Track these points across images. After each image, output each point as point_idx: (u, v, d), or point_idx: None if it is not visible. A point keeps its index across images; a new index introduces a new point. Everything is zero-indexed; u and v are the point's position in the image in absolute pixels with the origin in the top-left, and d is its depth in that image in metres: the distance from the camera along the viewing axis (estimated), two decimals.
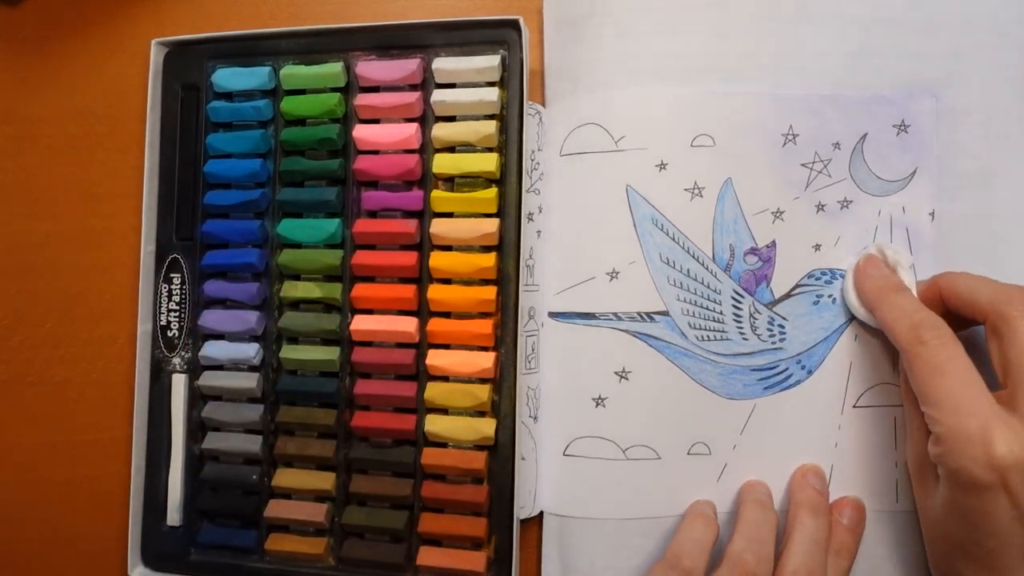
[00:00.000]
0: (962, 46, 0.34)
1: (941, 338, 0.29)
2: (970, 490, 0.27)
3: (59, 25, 0.40)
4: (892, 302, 0.32)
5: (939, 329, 0.30)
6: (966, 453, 0.27)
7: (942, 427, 0.28)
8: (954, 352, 0.29)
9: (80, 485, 0.39)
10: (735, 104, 0.35)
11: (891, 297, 0.32)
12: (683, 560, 0.31)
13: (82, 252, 0.39)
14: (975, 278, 0.31)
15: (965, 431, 0.27)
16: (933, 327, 0.30)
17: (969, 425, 0.27)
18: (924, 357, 0.29)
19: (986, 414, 0.27)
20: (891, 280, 0.33)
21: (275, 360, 0.36)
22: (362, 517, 0.35)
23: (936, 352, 0.29)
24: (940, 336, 0.29)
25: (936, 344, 0.29)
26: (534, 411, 0.36)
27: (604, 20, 0.36)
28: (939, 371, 0.29)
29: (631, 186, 0.35)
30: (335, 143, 0.36)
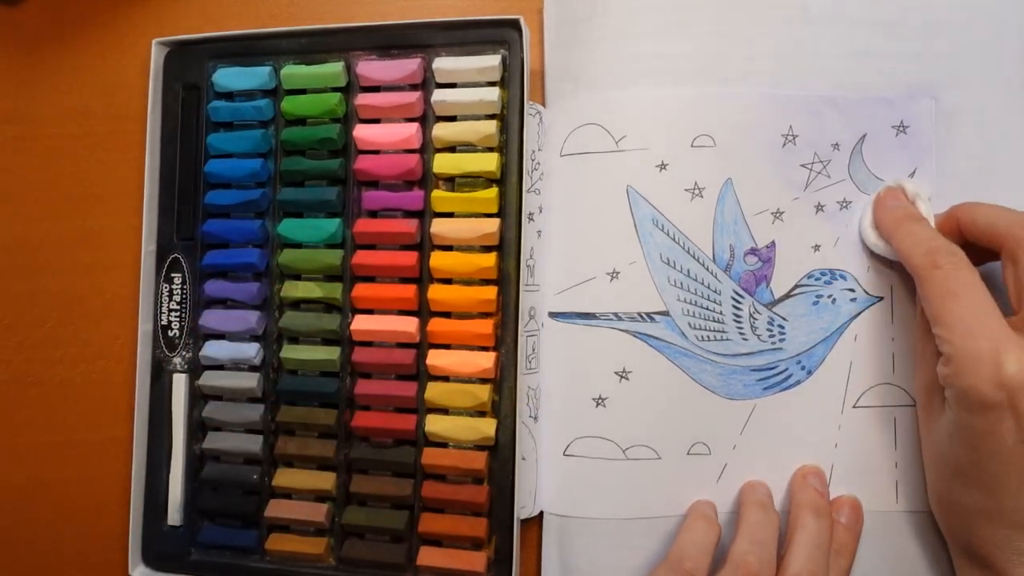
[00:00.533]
0: (961, 47, 0.34)
1: (956, 263, 0.29)
2: (977, 410, 0.27)
3: (59, 25, 0.40)
4: (909, 230, 0.32)
5: (955, 255, 0.30)
6: (976, 372, 0.27)
7: (952, 347, 0.28)
8: (968, 277, 0.29)
9: (80, 485, 0.39)
10: (735, 105, 0.35)
11: (908, 225, 0.32)
12: (685, 562, 0.31)
13: (82, 252, 0.39)
14: (993, 207, 0.31)
15: (976, 351, 0.27)
16: (950, 253, 0.30)
17: (980, 345, 0.27)
18: (938, 280, 0.29)
19: (997, 335, 0.27)
20: (909, 210, 0.33)
21: (276, 360, 0.36)
22: (362, 517, 0.35)
23: (950, 276, 0.29)
24: (955, 262, 0.29)
25: (951, 268, 0.29)
26: (534, 411, 0.36)
27: (605, 20, 0.36)
28: (952, 294, 0.29)
29: (632, 186, 0.35)
30: (336, 143, 0.36)
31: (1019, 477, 0.27)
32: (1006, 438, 0.27)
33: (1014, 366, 0.27)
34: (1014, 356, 0.27)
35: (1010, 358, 0.27)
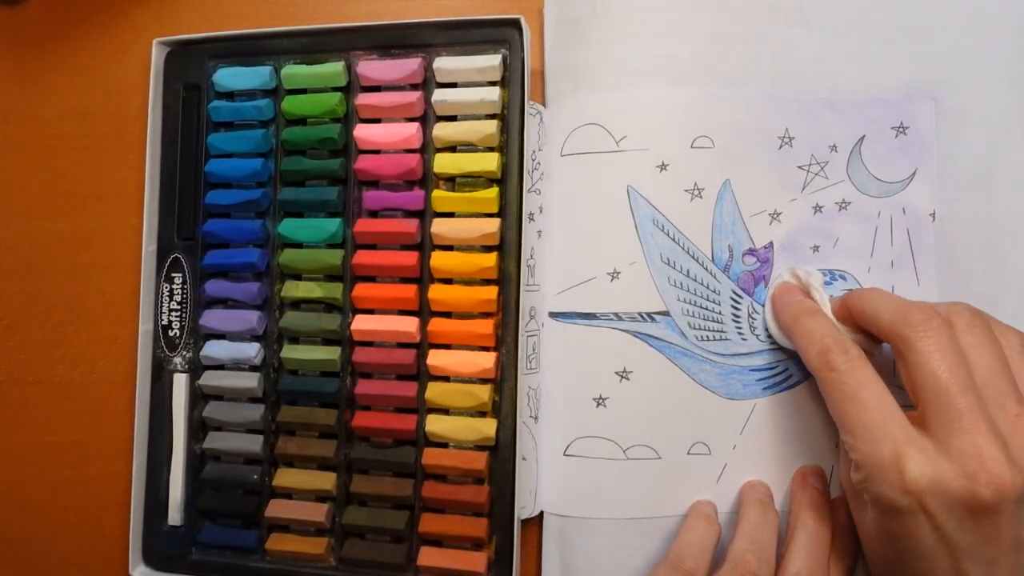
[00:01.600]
0: (962, 48, 0.35)
1: (850, 362, 0.29)
2: (892, 515, 0.27)
3: (59, 25, 0.40)
4: (803, 327, 0.32)
5: (847, 352, 0.29)
6: (882, 479, 0.27)
7: (858, 454, 0.28)
8: (863, 376, 0.29)
9: (81, 485, 0.39)
10: (733, 106, 0.35)
11: (802, 322, 0.32)
12: (685, 561, 0.31)
13: (82, 252, 0.39)
14: (877, 297, 0.30)
15: (879, 458, 0.27)
16: (842, 351, 0.29)
17: (882, 451, 0.27)
18: (834, 383, 0.29)
19: (897, 439, 0.27)
20: (803, 304, 0.32)
21: (276, 360, 0.36)
22: (363, 517, 0.35)
23: (846, 378, 0.29)
24: (849, 360, 0.29)
25: (845, 369, 0.29)
26: (535, 411, 0.36)
27: (605, 21, 0.36)
28: (850, 398, 0.28)
29: (632, 186, 0.35)
30: (336, 143, 0.36)
31: (947, 572, 0.27)
32: (925, 540, 0.27)
33: (916, 470, 0.26)
34: (914, 460, 0.26)
35: (911, 463, 0.26)
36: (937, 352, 0.27)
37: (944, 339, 0.28)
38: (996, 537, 0.26)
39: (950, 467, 0.26)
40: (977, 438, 0.26)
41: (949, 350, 0.27)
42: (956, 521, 0.26)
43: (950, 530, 0.26)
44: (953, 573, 0.27)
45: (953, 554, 0.26)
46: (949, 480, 0.26)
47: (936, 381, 0.27)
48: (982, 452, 0.26)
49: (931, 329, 0.28)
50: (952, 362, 0.27)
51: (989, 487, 0.26)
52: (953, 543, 0.26)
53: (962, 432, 0.26)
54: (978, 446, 0.26)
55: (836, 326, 0.31)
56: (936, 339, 0.27)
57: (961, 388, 0.27)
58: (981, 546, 0.26)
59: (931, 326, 0.28)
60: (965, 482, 0.26)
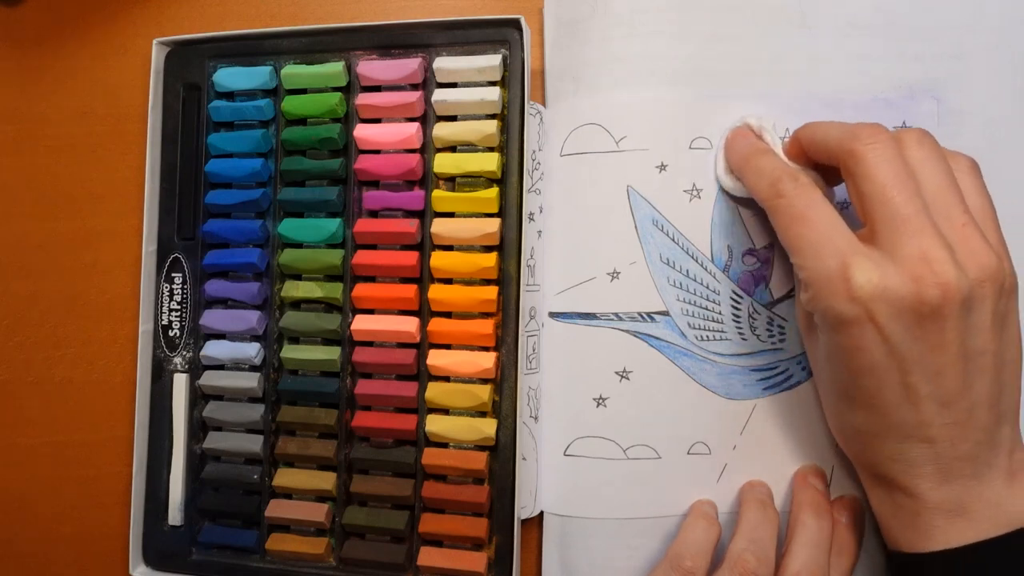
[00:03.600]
0: (964, 48, 0.34)
1: (798, 187, 0.29)
2: (839, 329, 0.27)
3: (59, 25, 0.40)
4: (755, 165, 0.32)
5: (797, 179, 0.29)
6: (829, 292, 0.27)
7: (805, 272, 0.28)
8: (812, 198, 0.29)
9: (81, 485, 0.39)
10: (733, 106, 0.35)
11: (754, 160, 0.32)
12: (684, 560, 0.31)
13: (83, 252, 0.39)
14: (826, 124, 0.30)
15: (826, 270, 0.27)
16: (791, 178, 0.29)
17: (828, 264, 0.27)
18: (783, 208, 0.29)
19: (843, 250, 0.27)
20: (755, 145, 0.33)
21: (276, 360, 0.36)
22: (363, 517, 0.35)
23: (794, 201, 0.29)
24: (798, 186, 0.29)
25: (794, 194, 0.29)
26: (535, 411, 0.36)
27: (605, 21, 0.36)
28: (798, 219, 0.28)
29: (632, 187, 0.35)
30: (336, 143, 0.36)
31: (895, 389, 0.27)
32: (873, 352, 0.27)
33: (862, 277, 0.26)
34: (861, 268, 0.26)
35: (857, 271, 0.26)
36: (884, 162, 0.27)
37: (891, 150, 0.27)
38: (942, 345, 0.26)
39: (896, 271, 0.26)
40: (923, 241, 0.26)
41: (896, 160, 0.27)
42: (903, 328, 0.26)
43: (897, 339, 0.26)
44: (901, 387, 0.27)
45: (901, 366, 0.26)
46: (896, 284, 0.26)
47: (882, 189, 0.27)
48: (928, 254, 0.26)
49: (878, 141, 0.28)
50: (899, 171, 0.27)
51: (935, 288, 0.26)
52: (901, 354, 0.26)
53: (908, 236, 0.26)
54: (924, 249, 0.26)
55: (788, 164, 0.31)
56: (883, 150, 0.27)
57: (908, 196, 0.27)
58: (928, 355, 0.26)
59: (878, 138, 0.28)
60: (912, 285, 0.26)
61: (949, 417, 0.27)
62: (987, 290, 0.27)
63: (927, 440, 0.27)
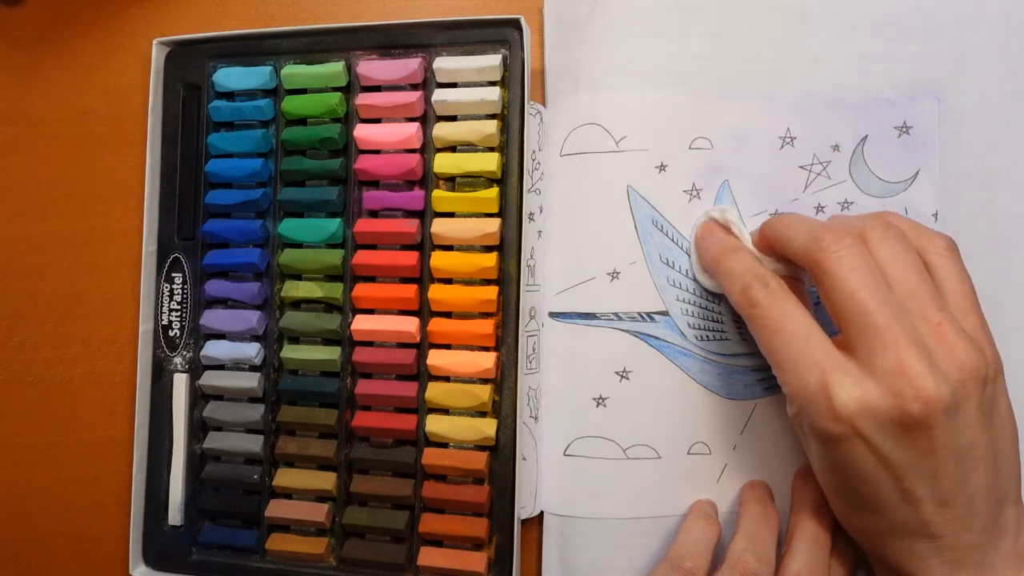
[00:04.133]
0: (965, 47, 0.34)
1: (771, 295, 0.29)
2: (829, 444, 0.27)
3: (59, 25, 0.40)
4: (726, 268, 0.31)
5: (767, 286, 0.29)
6: (813, 409, 0.27)
7: (788, 387, 0.28)
8: (785, 307, 0.28)
9: (81, 485, 0.39)
10: (733, 106, 0.35)
11: (723, 262, 0.31)
12: (685, 560, 0.31)
13: (82, 252, 0.39)
14: (788, 221, 0.30)
15: (807, 387, 0.27)
16: (762, 285, 0.29)
17: (809, 381, 0.27)
18: (758, 319, 0.29)
19: (823, 366, 0.26)
20: (724, 243, 0.32)
21: (276, 360, 0.36)
22: (363, 517, 0.35)
23: (768, 312, 0.28)
24: (769, 293, 0.29)
25: (766, 304, 0.28)
26: (535, 411, 0.36)
27: (604, 21, 0.36)
28: (774, 331, 0.28)
29: (632, 187, 0.35)
30: (336, 143, 0.36)
31: (892, 495, 0.27)
32: (865, 464, 0.27)
33: (844, 394, 0.26)
34: (841, 385, 0.26)
35: (838, 388, 0.26)
36: (851, 272, 0.27)
37: (857, 257, 0.27)
38: (933, 450, 0.26)
39: (876, 387, 0.26)
40: (899, 353, 0.26)
41: (863, 268, 0.27)
42: (891, 441, 0.26)
43: (887, 451, 0.26)
44: (898, 493, 0.27)
45: (895, 474, 0.26)
46: (876, 401, 0.26)
47: (853, 301, 0.26)
48: (905, 368, 0.25)
49: (843, 248, 0.27)
50: (868, 279, 0.27)
51: (916, 402, 0.25)
52: (892, 463, 0.26)
53: (884, 349, 0.26)
54: (901, 362, 0.26)
55: (759, 259, 0.31)
56: (849, 258, 0.27)
57: (878, 304, 0.26)
58: (920, 461, 0.26)
59: (842, 245, 0.27)
60: (892, 400, 0.25)
61: (949, 514, 0.27)
62: (970, 388, 0.26)
63: (931, 537, 0.27)
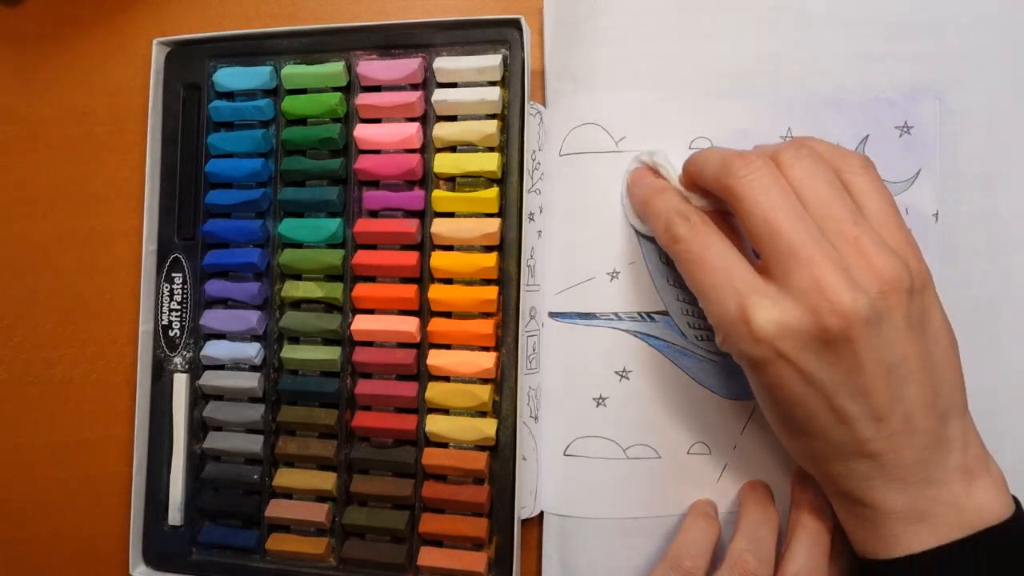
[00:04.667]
0: (966, 48, 0.34)
1: (692, 228, 0.29)
2: (756, 369, 0.27)
3: (59, 25, 0.40)
4: (652, 209, 0.31)
5: (688, 220, 0.29)
6: (735, 335, 0.27)
7: (712, 316, 0.28)
8: (706, 239, 0.28)
9: (81, 485, 0.39)
10: (733, 106, 0.35)
11: (651, 203, 0.31)
12: (684, 560, 0.31)
13: (82, 252, 0.39)
14: (705, 154, 0.30)
15: (728, 314, 0.27)
16: (683, 220, 0.29)
17: (729, 307, 0.27)
18: (681, 254, 0.29)
19: (741, 291, 0.26)
20: (652, 185, 0.32)
21: (276, 360, 0.36)
22: (363, 517, 0.35)
23: (690, 245, 0.28)
24: (690, 226, 0.29)
25: (688, 237, 0.29)
26: (535, 411, 0.36)
27: (604, 21, 0.36)
28: (696, 263, 0.28)
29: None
30: (336, 143, 0.36)
31: (825, 415, 0.26)
32: (793, 385, 0.26)
33: (761, 317, 0.26)
34: (759, 307, 0.26)
35: (755, 311, 0.26)
36: (762, 194, 0.27)
37: (768, 179, 0.27)
38: (859, 365, 0.26)
39: (793, 306, 0.26)
40: (814, 270, 0.25)
41: (774, 188, 0.27)
42: (815, 358, 0.26)
43: (812, 369, 0.26)
44: (831, 412, 0.26)
45: (824, 392, 0.26)
46: (795, 319, 0.26)
47: (766, 223, 0.26)
48: (820, 282, 0.25)
49: (752, 172, 0.27)
50: (779, 200, 0.26)
51: (833, 316, 0.25)
52: (819, 382, 0.26)
53: (799, 267, 0.26)
54: (816, 278, 0.25)
55: (686, 196, 0.31)
56: (759, 180, 0.27)
57: (792, 224, 0.26)
58: (848, 377, 0.26)
59: (752, 169, 0.27)
60: (811, 316, 0.25)
61: (885, 430, 0.26)
62: (892, 300, 0.26)
63: (870, 455, 0.27)
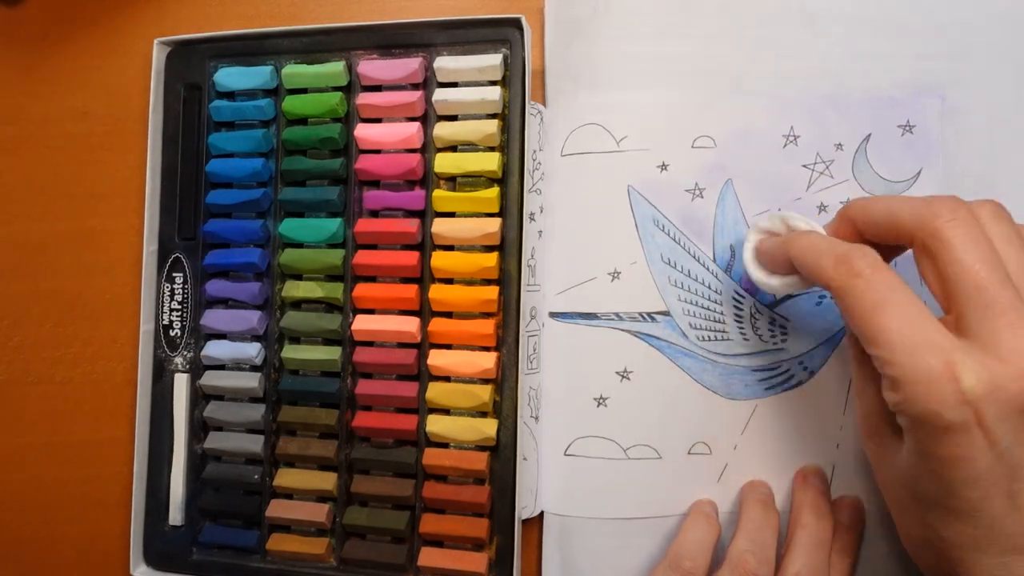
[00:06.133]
0: (968, 46, 0.34)
1: (874, 266, 0.25)
2: (942, 435, 0.24)
3: (60, 25, 0.40)
4: (805, 244, 0.28)
5: (869, 256, 0.26)
6: (931, 394, 0.24)
7: (898, 369, 0.24)
8: (892, 281, 0.25)
9: (81, 485, 0.39)
10: (735, 105, 0.35)
11: (801, 240, 0.28)
12: (684, 560, 0.31)
13: (83, 252, 0.39)
14: (890, 198, 0.28)
15: (926, 370, 0.24)
16: (863, 255, 0.26)
17: (929, 362, 0.24)
18: (860, 291, 0.25)
19: (945, 347, 0.24)
20: (794, 231, 0.30)
21: (277, 360, 0.36)
22: (363, 517, 0.35)
23: (874, 284, 0.25)
24: (873, 264, 0.26)
25: (871, 274, 0.25)
26: (535, 411, 0.36)
27: (605, 21, 0.36)
28: (881, 305, 0.25)
29: (632, 186, 0.35)
30: (337, 142, 0.36)
31: (1001, 499, 0.24)
32: (980, 460, 0.24)
33: (971, 378, 0.23)
34: (968, 367, 0.23)
35: (965, 371, 0.23)
36: (971, 243, 0.24)
37: (975, 229, 0.25)
38: None
39: (1004, 369, 0.23)
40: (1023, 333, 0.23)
41: (983, 241, 0.25)
42: (1012, 431, 0.24)
43: (1007, 444, 0.24)
44: (1007, 497, 0.24)
45: (1010, 473, 0.24)
46: (1007, 383, 0.23)
47: (975, 275, 0.24)
48: None
49: (959, 219, 0.25)
50: (987, 253, 0.24)
51: None
52: (1010, 459, 0.24)
53: (1010, 328, 0.24)
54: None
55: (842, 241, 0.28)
56: (967, 229, 0.25)
57: (1000, 281, 0.24)
58: None
59: (959, 215, 0.25)
60: (1021, 383, 0.23)
61: None
62: None
63: None
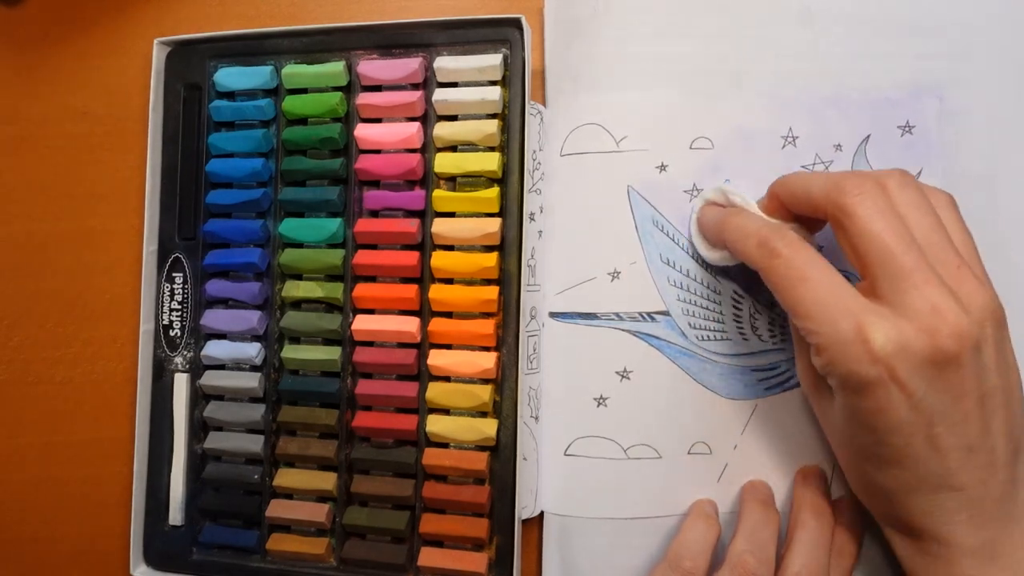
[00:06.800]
0: (967, 47, 0.34)
1: (791, 244, 0.28)
2: (862, 391, 0.26)
3: (60, 25, 0.40)
4: (734, 227, 0.31)
5: (786, 236, 0.29)
6: (848, 355, 0.26)
7: (818, 336, 0.27)
8: (808, 255, 0.28)
9: (81, 485, 0.39)
10: (734, 106, 0.35)
11: (732, 222, 0.31)
12: (684, 560, 0.31)
13: (83, 252, 0.39)
14: (806, 174, 0.30)
15: (841, 334, 0.26)
16: (781, 235, 0.29)
17: (843, 326, 0.26)
18: (781, 269, 0.28)
19: (855, 310, 0.26)
20: (729, 210, 0.32)
21: (277, 360, 0.36)
22: (363, 517, 0.35)
23: (791, 260, 0.28)
24: (790, 243, 0.28)
25: (788, 252, 0.28)
26: (535, 411, 0.36)
27: (605, 21, 0.36)
28: (800, 279, 0.28)
29: (632, 187, 0.35)
30: (337, 142, 0.36)
31: (922, 444, 0.26)
32: (898, 410, 0.26)
33: (881, 337, 0.26)
34: (877, 327, 0.26)
35: (874, 331, 0.26)
36: (876, 214, 0.27)
37: (881, 200, 0.27)
38: (963, 393, 0.26)
39: (911, 326, 0.26)
40: (929, 292, 0.26)
41: (888, 211, 0.27)
42: (926, 382, 0.26)
43: (921, 394, 0.26)
44: (927, 441, 0.26)
45: (926, 419, 0.26)
46: (913, 339, 0.26)
47: (881, 243, 0.27)
48: (937, 305, 0.26)
49: (866, 192, 0.27)
50: (892, 222, 0.27)
51: (951, 337, 0.25)
52: (925, 407, 0.26)
53: (915, 289, 0.26)
54: (932, 300, 0.26)
55: (769, 220, 0.31)
56: (873, 201, 0.27)
57: (905, 246, 0.26)
58: (951, 406, 0.26)
59: (865, 189, 0.27)
60: (927, 338, 0.26)
61: (975, 462, 0.27)
62: (988, 329, 0.26)
63: (958, 488, 0.27)
